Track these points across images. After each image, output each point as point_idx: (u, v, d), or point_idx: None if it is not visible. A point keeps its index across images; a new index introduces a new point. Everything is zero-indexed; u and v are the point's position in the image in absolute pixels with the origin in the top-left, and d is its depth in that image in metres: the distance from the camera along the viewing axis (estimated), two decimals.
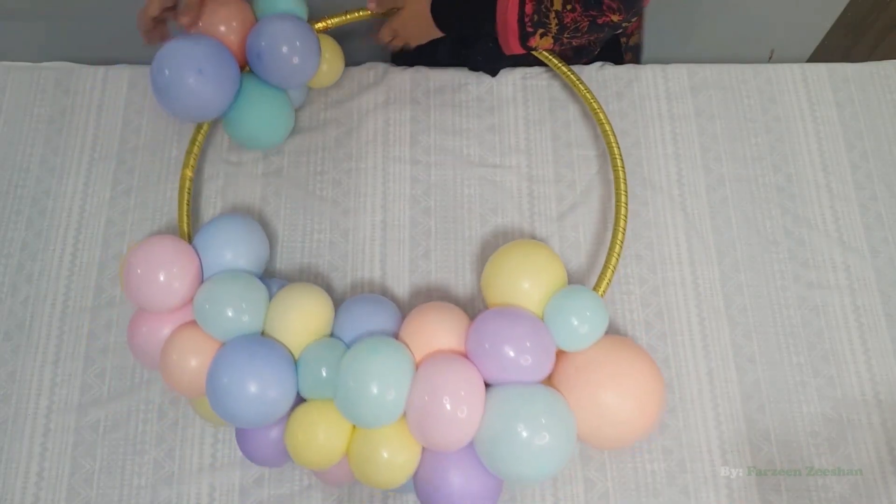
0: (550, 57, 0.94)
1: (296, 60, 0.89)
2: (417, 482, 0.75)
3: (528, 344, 0.73)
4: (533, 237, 0.94)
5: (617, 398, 0.74)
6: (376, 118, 1.01)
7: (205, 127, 0.91)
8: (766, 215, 0.95)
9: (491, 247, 0.94)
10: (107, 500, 0.83)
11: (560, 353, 0.78)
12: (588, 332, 0.76)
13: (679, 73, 1.03)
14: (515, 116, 1.01)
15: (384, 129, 1.00)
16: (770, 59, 1.40)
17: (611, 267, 0.84)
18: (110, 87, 1.02)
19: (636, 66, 1.04)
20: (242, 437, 0.79)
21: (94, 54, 0.89)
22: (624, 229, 0.86)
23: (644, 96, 1.02)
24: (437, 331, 0.77)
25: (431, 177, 0.98)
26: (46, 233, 0.94)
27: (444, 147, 0.99)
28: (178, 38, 0.85)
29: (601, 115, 0.91)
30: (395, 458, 0.73)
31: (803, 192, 0.97)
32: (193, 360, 0.76)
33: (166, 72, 0.83)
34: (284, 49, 0.88)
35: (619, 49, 1.08)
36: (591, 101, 0.92)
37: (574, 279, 0.92)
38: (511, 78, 1.03)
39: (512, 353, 0.73)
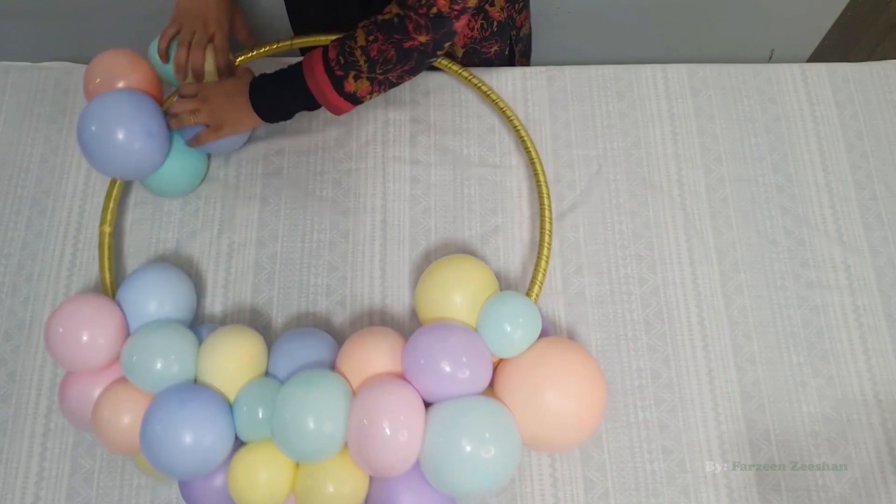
0: (451, 65, 0.95)
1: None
2: None
3: (462, 357, 0.72)
4: (524, 239, 0.94)
5: (557, 399, 0.73)
6: (376, 118, 1.01)
7: (119, 183, 0.91)
8: (766, 215, 0.95)
9: (492, 246, 0.94)
10: (107, 500, 0.83)
11: (498, 361, 0.77)
12: (522, 336, 0.75)
13: (679, 73, 1.03)
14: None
15: (384, 129, 1.00)
16: (770, 59, 1.40)
17: (541, 270, 0.85)
18: None
19: (636, 66, 1.04)
20: (186, 488, 0.77)
21: (93, 54, 0.89)
22: (550, 231, 0.87)
23: (644, 96, 1.02)
24: (373, 356, 0.76)
25: (431, 177, 0.98)
26: (46, 233, 0.94)
27: (444, 147, 0.99)
28: (112, 93, 0.85)
29: (515, 121, 0.94)
30: (341, 489, 0.72)
31: (803, 192, 0.97)
32: (126, 418, 0.74)
33: (93, 128, 0.83)
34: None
35: (511, 44, 1.06)
36: (504, 108, 0.95)
37: (574, 279, 0.92)
38: (511, 78, 1.03)
39: (448, 368, 0.71)
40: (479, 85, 0.96)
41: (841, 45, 1.41)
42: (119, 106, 0.84)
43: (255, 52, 0.96)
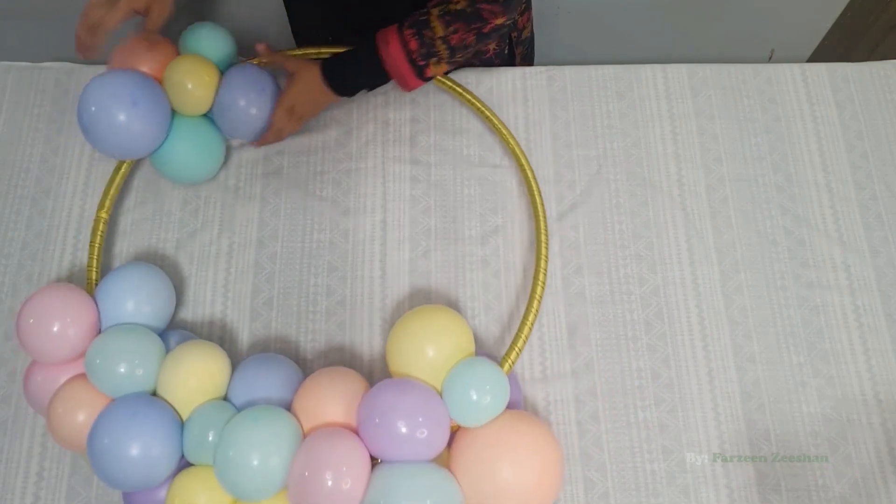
0: (444, 80, 0.95)
1: (254, 111, 0.90)
2: None
3: (419, 419, 0.70)
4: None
5: (511, 478, 0.70)
6: (376, 118, 1.01)
7: (124, 168, 0.90)
8: (766, 215, 0.95)
9: (492, 246, 0.94)
10: (107, 500, 0.82)
11: (458, 427, 0.75)
12: (487, 406, 0.72)
13: (679, 73, 1.03)
14: (515, 116, 1.01)
15: (384, 129, 1.00)
16: (770, 59, 1.40)
17: (522, 336, 0.80)
18: None
19: (636, 66, 1.04)
20: (129, 498, 0.77)
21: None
22: (541, 296, 0.83)
23: (644, 96, 1.02)
24: (330, 402, 0.74)
25: (431, 177, 0.98)
26: (46, 233, 0.94)
27: (444, 147, 0.99)
28: (105, 73, 0.85)
29: (504, 132, 0.93)
30: None
31: (803, 192, 0.97)
32: (81, 415, 0.74)
33: (93, 108, 0.82)
34: (246, 103, 0.89)
35: (511, 46, 1.06)
36: (492, 117, 0.94)
37: (574, 279, 0.92)
38: (511, 78, 1.03)
39: (403, 429, 0.69)
40: (463, 93, 0.96)
41: (841, 45, 1.41)
42: (112, 83, 0.83)
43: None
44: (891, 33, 1.41)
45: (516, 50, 1.06)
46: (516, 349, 0.80)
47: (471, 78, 1.02)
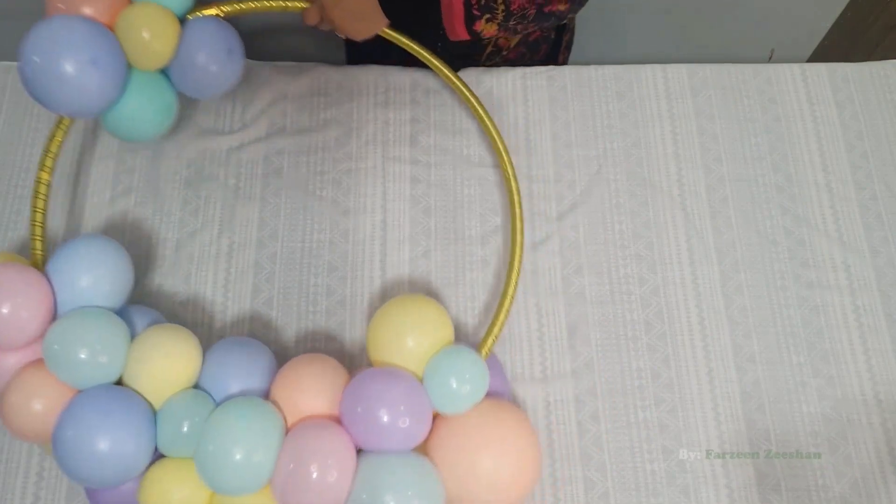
0: (444, 70, 0.91)
1: (214, 69, 0.83)
2: None
3: (402, 408, 0.70)
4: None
5: (492, 464, 0.71)
6: (376, 118, 1.01)
7: (66, 122, 0.81)
8: (766, 215, 0.95)
9: (492, 246, 0.94)
10: None
11: (437, 416, 0.75)
12: (467, 394, 0.73)
13: (679, 73, 1.03)
14: (515, 116, 1.01)
15: (384, 129, 1.00)
16: (770, 59, 1.40)
17: (498, 323, 0.80)
18: None
19: (636, 66, 1.04)
20: (94, 495, 0.74)
21: None
22: (516, 282, 0.83)
23: (644, 96, 1.02)
24: (311, 391, 0.73)
25: (431, 177, 0.98)
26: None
27: (444, 147, 0.99)
28: (53, 18, 0.75)
29: (493, 131, 0.90)
30: None
31: (803, 192, 0.97)
32: (38, 405, 0.69)
33: (37, 59, 0.72)
34: (205, 58, 0.82)
35: (560, 31, 1.06)
36: (484, 115, 0.91)
37: (574, 279, 0.92)
38: (511, 78, 1.03)
39: (385, 419, 0.69)
40: (462, 88, 0.93)
41: (841, 45, 1.41)
42: (65, 31, 0.74)
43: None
44: (891, 33, 1.41)
45: (564, 37, 1.06)
46: (493, 335, 0.80)
47: (471, 78, 1.02)
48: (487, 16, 0.84)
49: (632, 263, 0.93)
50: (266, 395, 0.75)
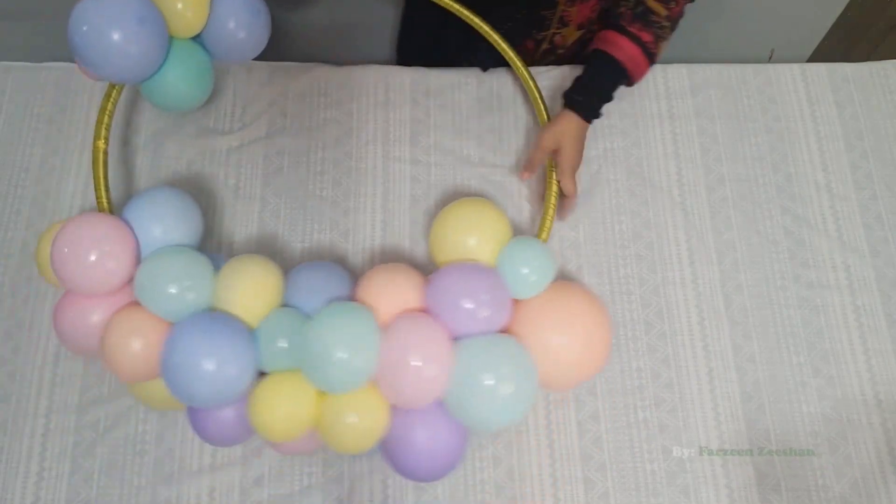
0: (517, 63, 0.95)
1: (242, 36, 0.89)
2: (384, 443, 0.76)
3: (486, 296, 0.75)
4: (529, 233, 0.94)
5: (566, 340, 0.76)
6: (376, 118, 1.01)
7: (114, 94, 0.85)
8: (766, 215, 0.95)
9: None
10: (107, 500, 0.83)
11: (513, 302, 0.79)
12: (538, 279, 0.78)
13: (679, 73, 1.03)
14: (515, 116, 1.01)
15: (384, 129, 1.00)
16: (770, 59, 1.40)
17: (549, 217, 0.87)
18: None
19: None
20: (198, 415, 0.77)
21: None
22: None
23: (644, 96, 1.02)
24: (395, 291, 0.77)
25: (431, 177, 0.98)
26: None
27: (444, 147, 0.99)
28: None
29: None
30: (363, 422, 0.73)
31: (803, 192, 0.97)
32: (138, 343, 0.73)
33: (87, 27, 0.77)
34: (235, 24, 0.88)
35: None
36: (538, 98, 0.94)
37: (574, 279, 0.92)
38: (511, 78, 1.03)
39: (472, 306, 0.74)
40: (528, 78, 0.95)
41: (841, 45, 1.41)
42: (109, 4, 0.79)
43: None
44: (891, 33, 1.41)
45: None
46: (549, 218, 0.87)
47: (471, 77, 1.02)
48: (662, 42, 0.89)
49: (632, 263, 0.93)
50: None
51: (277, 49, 0.95)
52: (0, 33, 1.24)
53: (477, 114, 1.01)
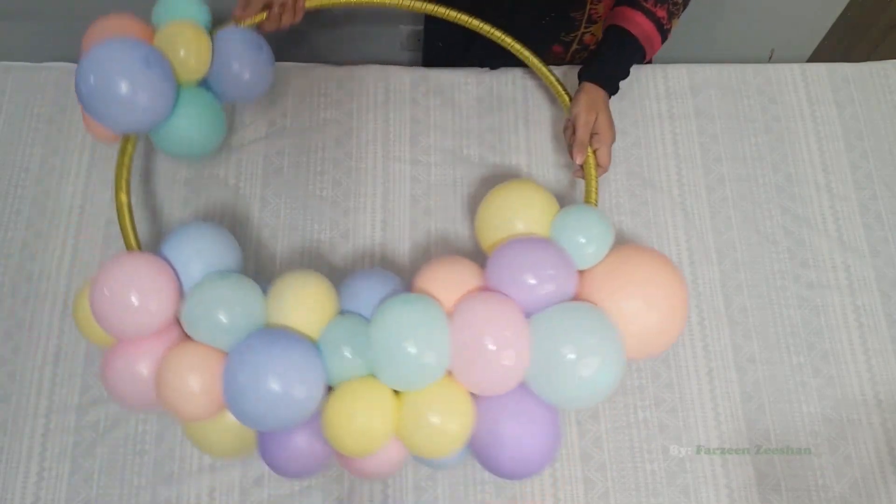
0: (533, 59, 0.93)
1: (247, 76, 0.88)
2: (473, 441, 0.71)
3: (550, 270, 0.71)
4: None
5: (643, 304, 0.72)
6: (376, 118, 1.01)
7: (130, 148, 0.85)
8: (766, 215, 0.95)
9: None
10: (107, 500, 0.83)
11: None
12: (597, 247, 0.75)
13: (679, 73, 1.03)
14: (515, 116, 1.01)
15: (384, 129, 1.00)
16: (770, 59, 1.40)
17: (593, 177, 0.85)
18: None
19: (636, 65, 1.04)
20: (270, 446, 0.73)
21: None
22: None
23: (644, 96, 1.02)
24: (455, 276, 0.74)
25: (431, 177, 0.98)
26: (46, 233, 0.94)
27: (444, 147, 0.99)
28: (108, 41, 0.80)
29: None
30: (447, 418, 0.68)
31: (803, 192, 0.97)
32: (195, 379, 0.69)
33: (94, 77, 0.77)
34: (239, 66, 0.88)
35: None
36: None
37: None
38: (511, 78, 1.03)
39: (535, 280, 0.70)
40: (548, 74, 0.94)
41: (841, 45, 1.41)
42: (115, 51, 0.78)
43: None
44: (891, 33, 1.41)
45: None
46: (593, 179, 0.85)
47: (471, 77, 1.03)
48: (675, 19, 0.91)
49: None
50: None
51: (278, 49, 0.95)
52: (0, 33, 1.24)
53: (477, 114, 1.01)
